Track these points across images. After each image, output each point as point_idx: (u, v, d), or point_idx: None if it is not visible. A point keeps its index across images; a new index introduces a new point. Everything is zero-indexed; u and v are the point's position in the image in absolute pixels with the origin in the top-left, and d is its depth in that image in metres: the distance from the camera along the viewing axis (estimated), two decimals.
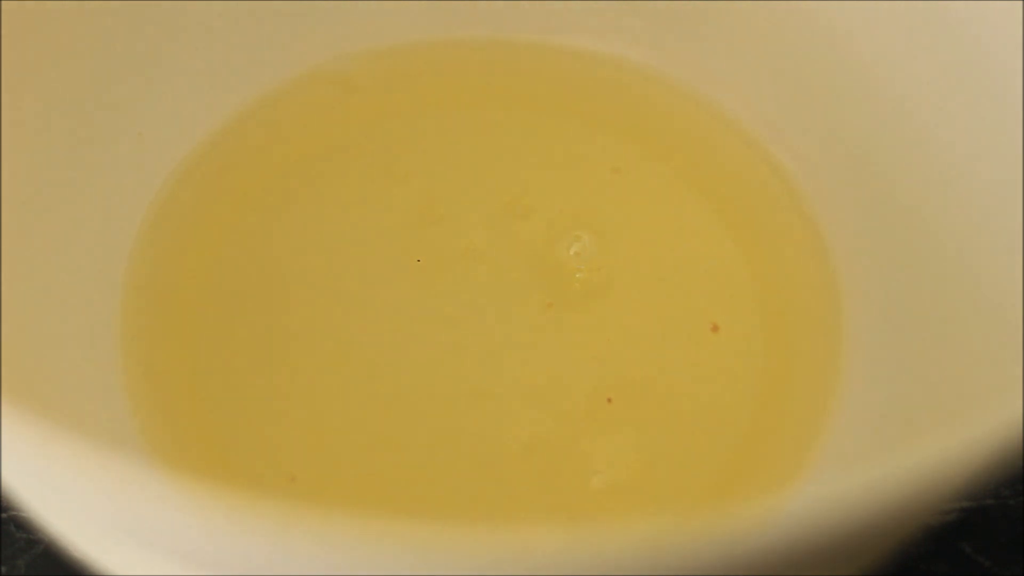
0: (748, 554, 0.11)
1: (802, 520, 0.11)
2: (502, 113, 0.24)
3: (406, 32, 0.25)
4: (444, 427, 0.20)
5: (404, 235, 0.22)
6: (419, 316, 0.21)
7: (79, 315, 0.20)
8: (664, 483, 0.20)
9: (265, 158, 0.23)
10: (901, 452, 0.11)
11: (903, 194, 0.21)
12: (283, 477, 0.19)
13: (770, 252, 0.22)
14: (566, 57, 0.25)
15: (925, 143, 0.21)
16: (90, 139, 0.21)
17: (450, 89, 0.24)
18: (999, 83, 0.19)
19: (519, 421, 0.20)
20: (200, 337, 0.21)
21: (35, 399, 0.17)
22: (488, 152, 0.23)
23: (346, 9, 0.24)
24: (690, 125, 0.24)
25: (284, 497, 0.19)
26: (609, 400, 0.20)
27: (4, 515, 0.21)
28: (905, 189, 0.21)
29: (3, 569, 0.20)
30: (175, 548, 0.12)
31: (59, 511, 0.13)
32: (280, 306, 0.21)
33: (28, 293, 0.19)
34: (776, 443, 0.20)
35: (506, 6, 0.25)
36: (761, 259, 0.22)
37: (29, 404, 0.12)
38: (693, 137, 0.24)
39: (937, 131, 0.20)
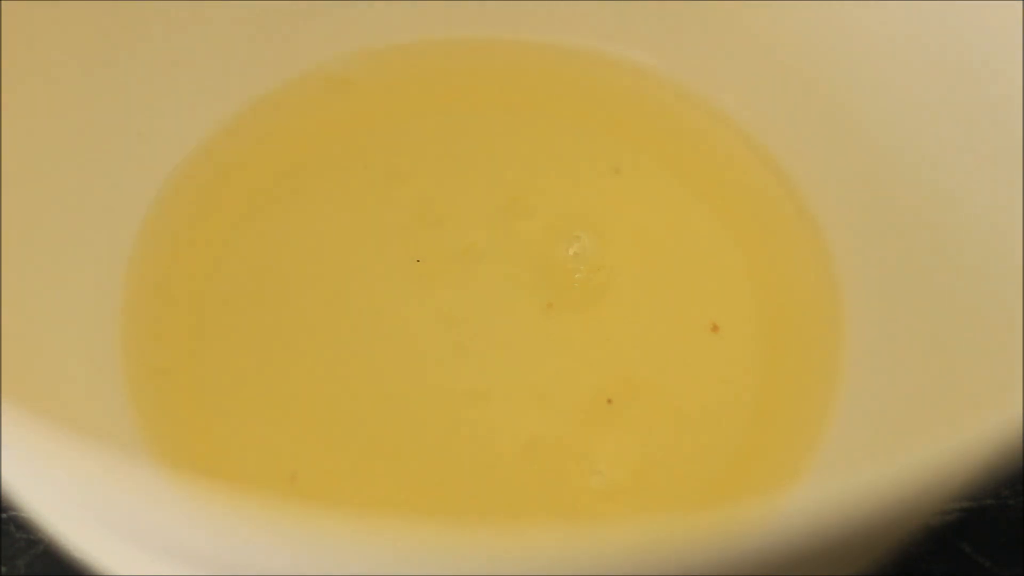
0: (748, 554, 0.11)
1: (802, 520, 0.11)
2: (502, 113, 0.24)
3: (406, 32, 0.25)
4: (444, 427, 0.20)
5: (404, 235, 0.22)
6: (419, 316, 0.21)
7: (80, 315, 0.20)
8: (664, 483, 0.20)
9: (265, 158, 0.23)
10: (901, 452, 0.11)
11: (903, 194, 0.21)
12: (283, 476, 0.19)
13: (770, 252, 0.22)
14: (566, 57, 0.25)
15: (925, 143, 0.21)
16: (90, 139, 0.21)
17: (450, 89, 0.24)
18: (999, 83, 0.19)
19: (519, 421, 0.20)
20: (200, 337, 0.21)
21: (35, 399, 0.17)
22: (488, 152, 0.23)
23: (346, 9, 0.24)
24: (690, 125, 0.24)
25: (284, 497, 0.19)
26: (609, 400, 0.20)
27: (4, 515, 0.21)
28: (905, 189, 0.21)
29: (3, 569, 0.20)
30: (175, 548, 0.12)
31: (59, 511, 0.13)
32: (280, 306, 0.21)
33: (28, 293, 0.19)
34: (776, 443, 0.20)
35: (506, 6, 0.25)
36: (761, 259, 0.22)
37: (29, 404, 0.12)
38: (693, 137, 0.24)
39: (937, 131, 0.20)
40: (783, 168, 0.23)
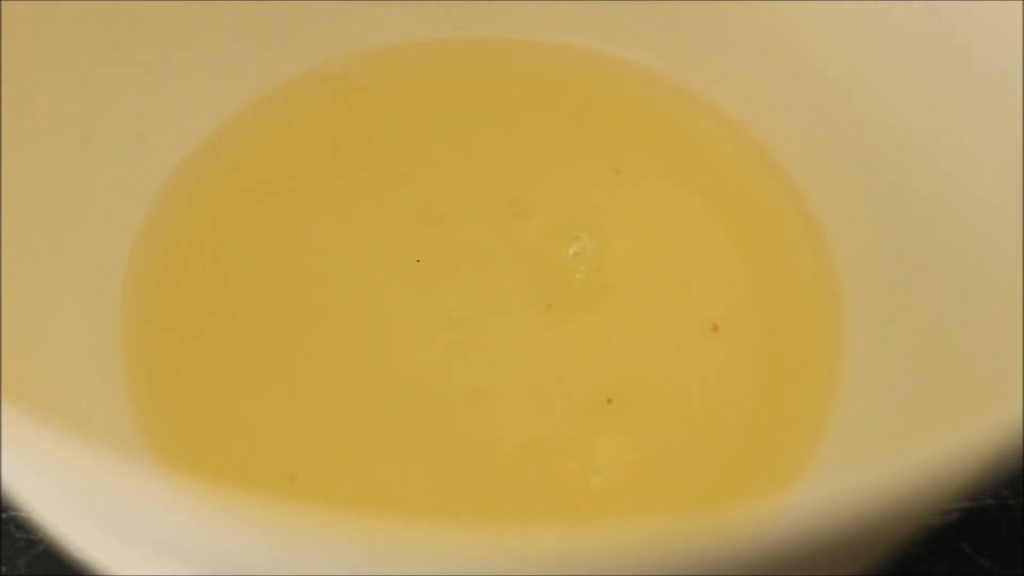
0: (748, 554, 0.11)
1: (802, 520, 0.11)
2: (502, 113, 0.24)
3: (406, 32, 0.25)
4: (444, 427, 0.20)
5: (404, 235, 0.22)
6: (419, 316, 0.21)
7: (79, 315, 0.20)
8: (664, 483, 0.20)
9: (265, 158, 0.23)
10: (901, 452, 0.11)
11: (903, 193, 0.21)
12: (283, 477, 0.19)
13: (770, 252, 0.22)
14: (566, 57, 0.25)
15: (925, 143, 0.21)
16: (90, 139, 0.21)
17: (450, 89, 0.24)
18: (999, 82, 0.19)
19: (519, 421, 0.20)
20: (200, 337, 0.21)
21: (35, 399, 0.17)
22: (488, 152, 0.23)
23: (346, 9, 0.24)
24: (690, 125, 0.24)
25: (284, 497, 0.19)
26: (609, 400, 0.20)
27: (4, 515, 0.21)
28: (905, 189, 0.21)
29: (3, 569, 0.20)
30: (175, 548, 0.12)
31: (59, 512, 0.13)
32: (280, 306, 0.21)
33: (28, 293, 0.19)
34: (776, 443, 0.20)
35: (506, 6, 0.25)
36: (761, 259, 0.22)
37: (29, 404, 0.12)
38: (693, 137, 0.24)
39: (937, 131, 0.20)
40: (783, 168, 0.23)
